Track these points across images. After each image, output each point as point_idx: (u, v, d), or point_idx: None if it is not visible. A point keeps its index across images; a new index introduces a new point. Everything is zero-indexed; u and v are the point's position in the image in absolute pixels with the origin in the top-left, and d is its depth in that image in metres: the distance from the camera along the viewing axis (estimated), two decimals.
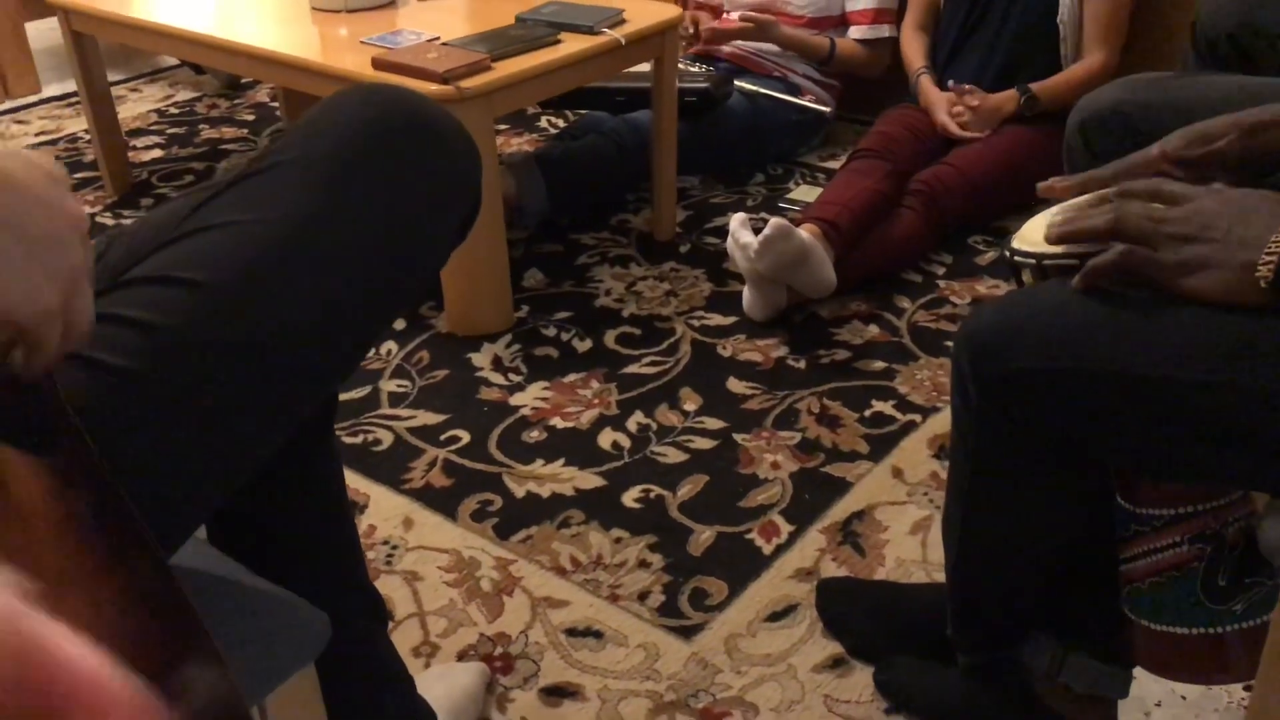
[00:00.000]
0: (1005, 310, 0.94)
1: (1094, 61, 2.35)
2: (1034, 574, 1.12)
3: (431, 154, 0.79)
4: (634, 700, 1.28)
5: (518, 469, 1.67)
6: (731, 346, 1.98)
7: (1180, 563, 0.98)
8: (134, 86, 3.44)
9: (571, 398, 1.84)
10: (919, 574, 1.46)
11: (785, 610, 1.40)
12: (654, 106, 2.26)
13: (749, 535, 1.53)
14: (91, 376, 0.65)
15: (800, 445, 1.71)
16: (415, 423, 1.79)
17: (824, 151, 2.81)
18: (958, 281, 2.19)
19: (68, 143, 3.01)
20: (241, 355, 0.69)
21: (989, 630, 1.18)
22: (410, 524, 1.56)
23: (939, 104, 2.41)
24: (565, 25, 2.03)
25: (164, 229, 0.75)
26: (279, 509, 0.93)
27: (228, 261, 0.70)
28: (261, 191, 0.73)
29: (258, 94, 3.31)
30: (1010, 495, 1.05)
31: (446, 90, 1.76)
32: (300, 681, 0.75)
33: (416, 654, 1.35)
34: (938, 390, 1.84)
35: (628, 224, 2.44)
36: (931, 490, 1.60)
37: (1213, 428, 0.85)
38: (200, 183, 2.62)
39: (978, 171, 2.29)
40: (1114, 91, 1.20)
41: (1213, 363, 0.83)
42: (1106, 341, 0.87)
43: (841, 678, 1.30)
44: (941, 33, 2.54)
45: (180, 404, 0.68)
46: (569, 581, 1.45)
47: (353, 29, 2.11)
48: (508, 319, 2.05)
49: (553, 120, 3.03)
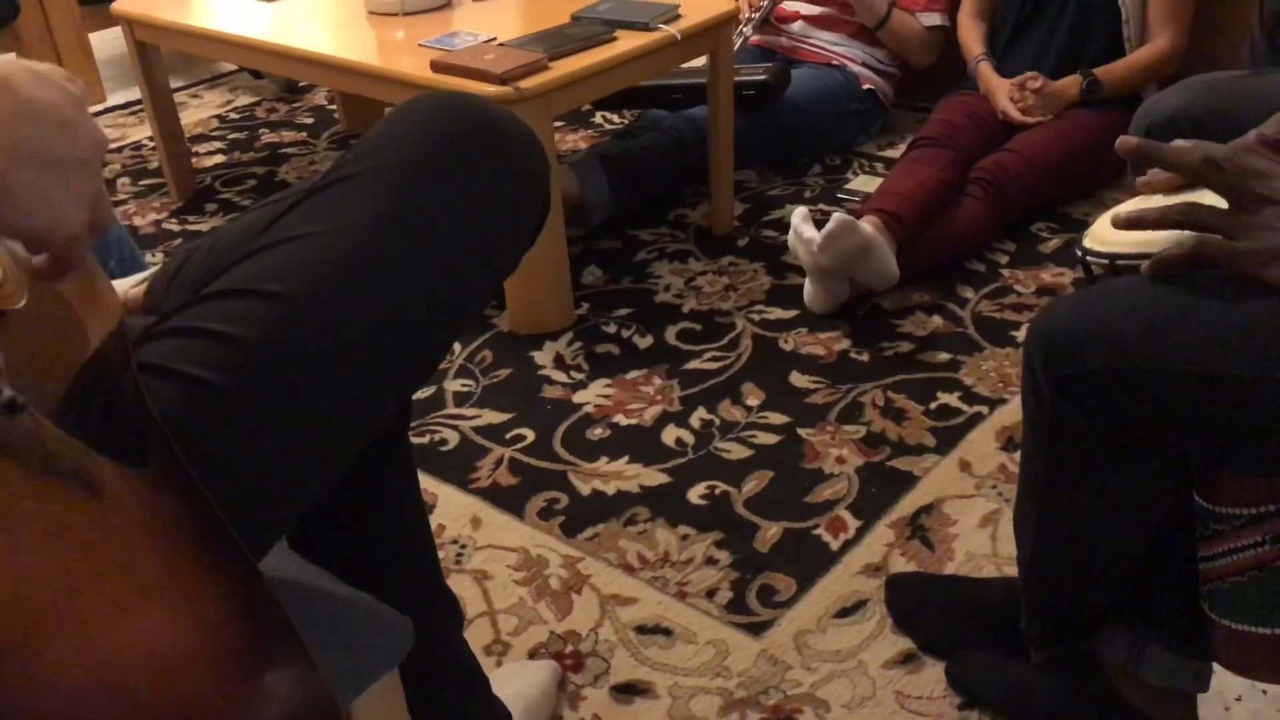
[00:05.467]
0: (1078, 308, 0.93)
1: (1161, 44, 2.30)
2: (1110, 569, 1.10)
3: (502, 159, 0.80)
4: (704, 697, 1.28)
5: (583, 467, 1.68)
6: (793, 340, 1.97)
7: (1261, 562, 0.96)
8: (195, 93, 3.50)
9: (634, 394, 1.84)
10: (989, 568, 1.44)
11: (854, 606, 1.40)
12: (710, 101, 2.26)
13: (816, 531, 1.52)
14: (178, 389, 0.67)
15: (865, 439, 1.70)
16: (480, 422, 1.80)
17: (882, 140, 2.79)
18: (1022, 270, 2.16)
19: (132, 150, 3.06)
20: (322, 364, 0.70)
21: (1063, 624, 1.17)
22: (478, 523, 1.58)
23: (1000, 90, 2.38)
24: (621, 22, 2.03)
25: (242, 241, 0.77)
26: (356, 514, 0.94)
27: (306, 273, 0.71)
28: (336, 202, 0.74)
29: (315, 97, 3.35)
30: (1086, 491, 1.04)
31: (505, 91, 1.77)
32: (385, 685, 0.76)
33: (488, 652, 1.36)
34: (1004, 381, 1.82)
35: (685, 219, 2.44)
36: (1000, 483, 1.59)
37: None
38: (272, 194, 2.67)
39: (1041, 157, 2.26)
40: (1178, 95, 1.17)
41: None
42: (1182, 341, 0.86)
43: (913, 673, 1.30)
44: (1000, 18, 2.51)
45: (264, 414, 0.69)
46: (636, 579, 1.46)
47: (409, 31, 2.13)
48: (569, 317, 2.06)
49: (608, 116, 3.04)
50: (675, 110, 2.51)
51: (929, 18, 2.65)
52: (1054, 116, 2.34)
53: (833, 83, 2.65)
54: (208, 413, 0.67)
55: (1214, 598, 1.01)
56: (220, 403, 0.68)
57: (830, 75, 2.66)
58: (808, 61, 2.71)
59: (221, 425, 0.68)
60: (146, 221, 2.61)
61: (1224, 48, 2.44)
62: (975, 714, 1.24)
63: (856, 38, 2.70)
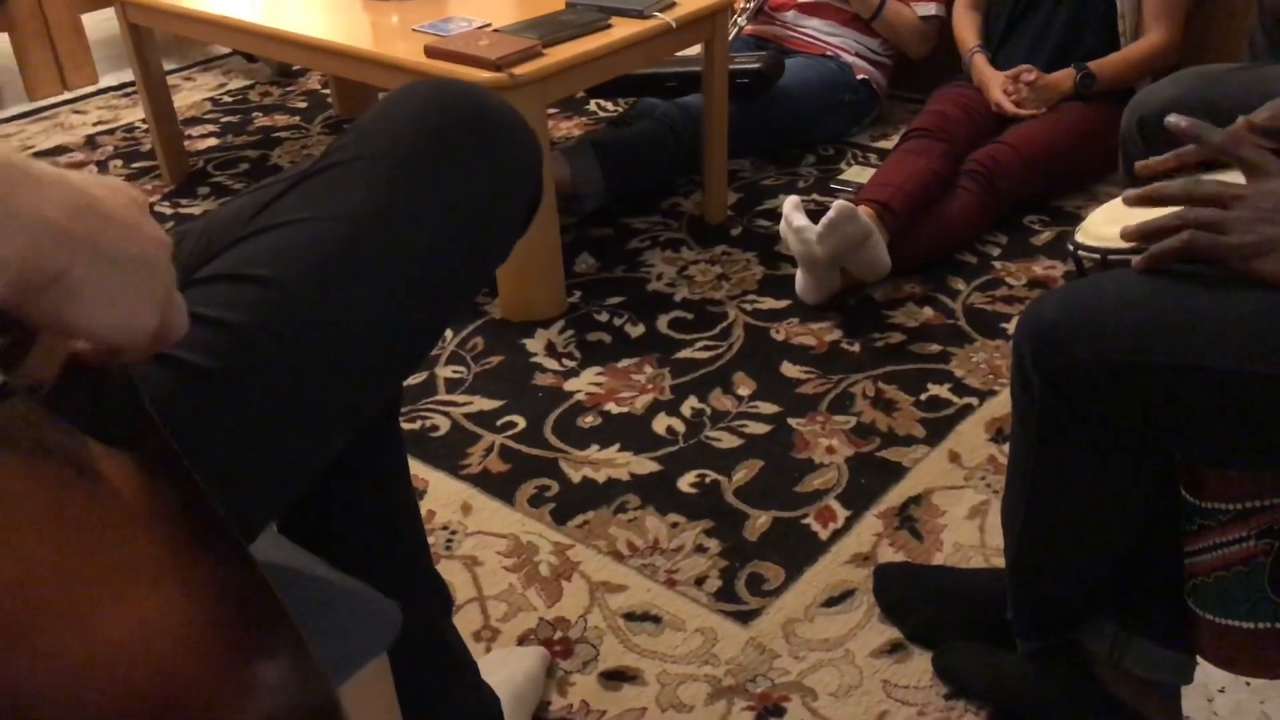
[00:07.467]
0: (1068, 300, 0.93)
1: (1155, 39, 2.31)
2: (1096, 561, 1.11)
3: (494, 147, 0.80)
4: (693, 684, 1.29)
5: (573, 454, 1.68)
6: (785, 330, 1.97)
7: (1246, 557, 0.97)
8: (188, 75, 3.48)
9: (625, 383, 1.84)
10: (977, 559, 1.45)
11: (843, 595, 1.40)
12: (705, 89, 2.26)
13: (805, 520, 1.53)
14: (170, 373, 0.67)
15: (855, 430, 1.70)
16: (472, 409, 1.80)
17: (876, 131, 2.79)
18: (1013, 262, 2.17)
19: (124, 132, 3.05)
20: (314, 349, 0.71)
21: (1049, 615, 1.18)
22: (469, 509, 1.58)
23: (993, 82, 2.38)
24: (616, 10, 2.03)
25: (233, 225, 0.77)
26: (346, 498, 0.94)
27: (298, 258, 0.71)
28: (329, 188, 0.74)
29: (309, 81, 3.34)
30: (1073, 484, 1.04)
31: (499, 77, 1.77)
32: (373, 670, 0.76)
33: (477, 638, 1.37)
34: (994, 373, 1.83)
35: (678, 208, 2.44)
36: (989, 474, 1.59)
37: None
38: (265, 178, 2.66)
39: (1034, 150, 2.26)
40: (1172, 87, 1.18)
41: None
42: (1173, 334, 0.86)
43: (900, 663, 1.31)
44: (994, 11, 2.51)
45: (256, 398, 0.69)
46: (626, 566, 1.46)
47: (403, 16, 2.12)
48: (560, 305, 2.06)
49: (601, 104, 3.03)
50: (669, 98, 2.50)
51: (923, 8, 2.65)
52: (1047, 109, 2.34)
53: (826, 72, 2.65)
54: (199, 397, 0.67)
55: (1198, 592, 1.02)
56: (210, 387, 0.68)
57: (824, 65, 2.66)
58: (801, 51, 2.71)
59: (211, 409, 0.68)
60: None
61: (1218, 42, 2.45)
62: (961, 704, 1.25)
63: (850, 27, 2.70)
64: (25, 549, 0.40)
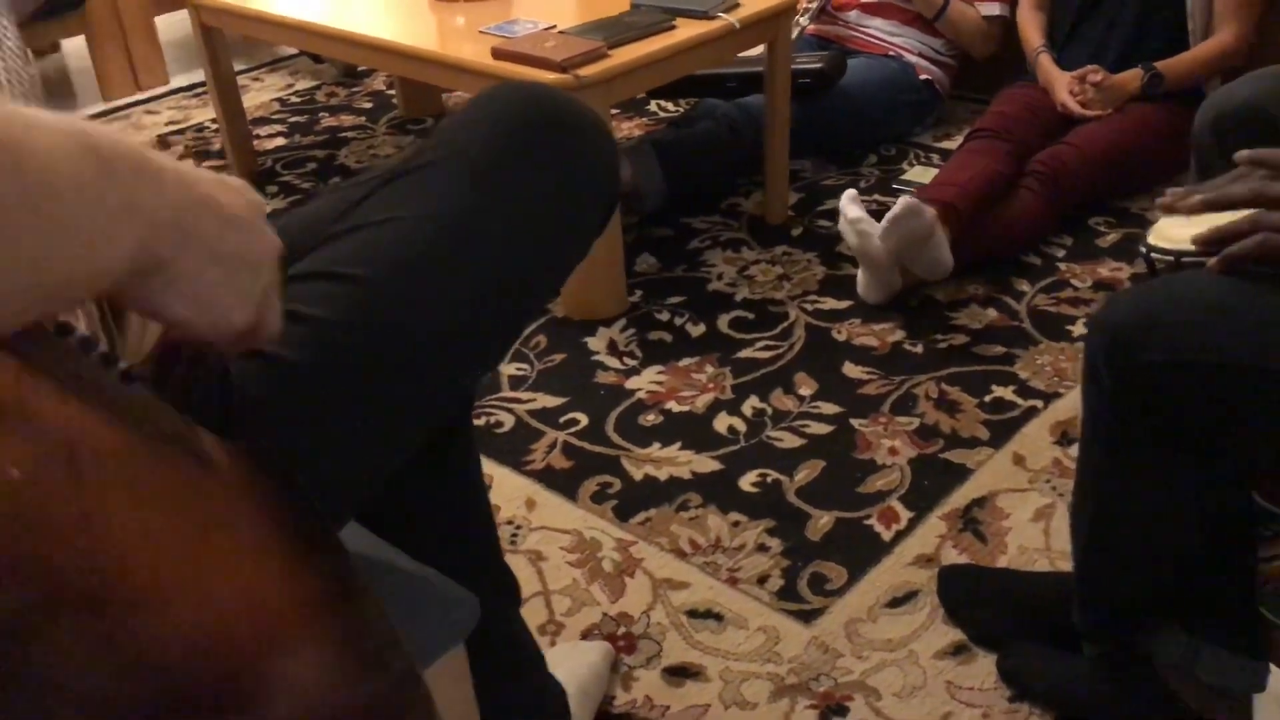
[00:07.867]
0: (1141, 301, 0.93)
1: (1226, 38, 2.27)
2: (1166, 565, 1.10)
3: (575, 149, 0.81)
4: (756, 682, 1.30)
5: (635, 452, 1.70)
6: (846, 331, 1.97)
7: None
8: (256, 76, 3.54)
9: (686, 382, 1.85)
10: (1042, 562, 1.44)
11: (906, 596, 1.40)
12: (767, 89, 2.26)
13: (868, 521, 1.53)
14: (263, 369, 0.69)
15: (919, 431, 1.70)
16: (535, 405, 1.82)
17: (938, 131, 2.77)
18: (1079, 264, 2.15)
19: (195, 132, 3.11)
20: (399, 347, 0.73)
21: (1117, 619, 1.17)
22: (533, 505, 1.60)
23: (1059, 82, 2.36)
24: (680, 10, 2.04)
25: (316, 225, 0.79)
26: (422, 490, 0.96)
27: (387, 258, 0.73)
28: (415, 189, 0.76)
29: (374, 82, 3.39)
30: (1143, 485, 1.04)
31: (565, 79, 1.79)
32: (451, 660, 0.78)
33: (542, 632, 1.39)
34: (1059, 375, 1.81)
35: (739, 208, 2.44)
36: (1054, 477, 1.58)
37: None
38: (332, 177, 2.71)
39: (1099, 151, 2.24)
40: (1249, 86, 1.16)
41: None
42: (1247, 336, 0.86)
43: (964, 664, 1.30)
44: (1060, 10, 2.48)
45: (343, 394, 0.71)
46: (689, 564, 1.47)
47: (470, 18, 2.14)
48: (622, 304, 2.07)
49: (662, 104, 3.05)
50: (729, 99, 2.51)
51: (987, 7, 2.63)
52: (1113, 110, 2.31)
53: (888, 73, 2.64)
54: (291, 392, 0.70)
55: (1273, 599, 1.01)
56: (300, 381, 0.70)
57: (886, 65, 2.65)
58: (864, 51, 2.70)
59: (303, 405, 0.70)
60: None
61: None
62: (1026, 707, 1.25)
63: (913, 26, 2.69)
64: (154, 528, 0.42)
